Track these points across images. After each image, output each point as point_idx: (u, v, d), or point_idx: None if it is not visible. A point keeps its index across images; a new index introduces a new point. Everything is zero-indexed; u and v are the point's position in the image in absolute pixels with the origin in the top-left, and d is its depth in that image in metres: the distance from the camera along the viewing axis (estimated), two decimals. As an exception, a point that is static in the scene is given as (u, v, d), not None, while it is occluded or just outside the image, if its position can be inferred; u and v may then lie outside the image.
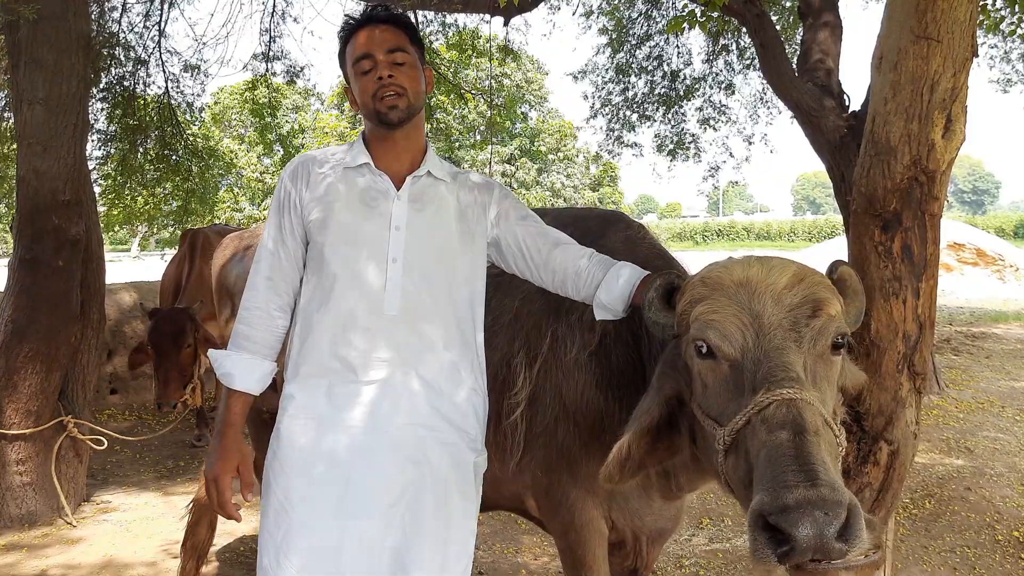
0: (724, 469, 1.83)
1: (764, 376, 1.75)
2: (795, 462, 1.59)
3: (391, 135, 2.33)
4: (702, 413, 1.91)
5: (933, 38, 2.23)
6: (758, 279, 1.89)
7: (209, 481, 2.24)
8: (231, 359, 2.29)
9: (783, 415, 1.68)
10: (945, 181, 2.36)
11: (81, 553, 4.74)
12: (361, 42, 2.30)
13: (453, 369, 2.30)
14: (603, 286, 2.36)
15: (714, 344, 1.85)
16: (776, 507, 1.52)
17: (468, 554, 2.36)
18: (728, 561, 4.59)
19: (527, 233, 2.47)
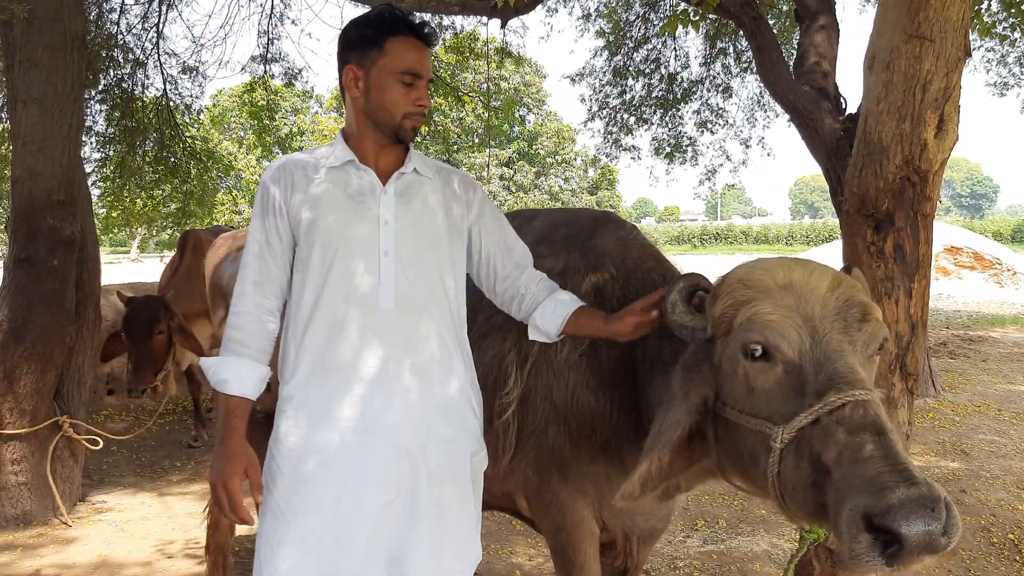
0: (776, 469, 1.78)
1: (829, 378, 1.73)
2: (886, 463, 1.58)
3: (383, 138, 2.32)
4: (745, 415, 1.88)
5: (926, 37, 2.23)
6: (801, 282, 1.87)
7: (218, 486, 2.21)
8: (225, 365, 2.27)
9: (861, 416, 1.67)
10: (938, 181, 2.36)
11: (76, 553, 4.73)
12: (414, 57, 2.26)
13: (446, 359, 2.30)
14: (539, 310, 2.43)
15: (772, 346, 1.81)
16: (883, 508, 1.50)
17: (469, 555, 2.36)
18: (722, 563, 4.58)
19: (497, 245, 2.49)
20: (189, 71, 10.33)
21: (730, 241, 62.57)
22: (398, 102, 2.25)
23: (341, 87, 2.35)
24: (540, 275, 2.50)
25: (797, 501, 1.76)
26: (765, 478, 1.82)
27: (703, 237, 64.27)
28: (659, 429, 1.99)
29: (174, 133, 10.30)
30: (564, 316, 2.39)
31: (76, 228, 5.06)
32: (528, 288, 2.46)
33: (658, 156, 14.05)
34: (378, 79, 2.25)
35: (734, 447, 1.96)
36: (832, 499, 1.63)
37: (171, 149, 10.40)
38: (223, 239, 3.87)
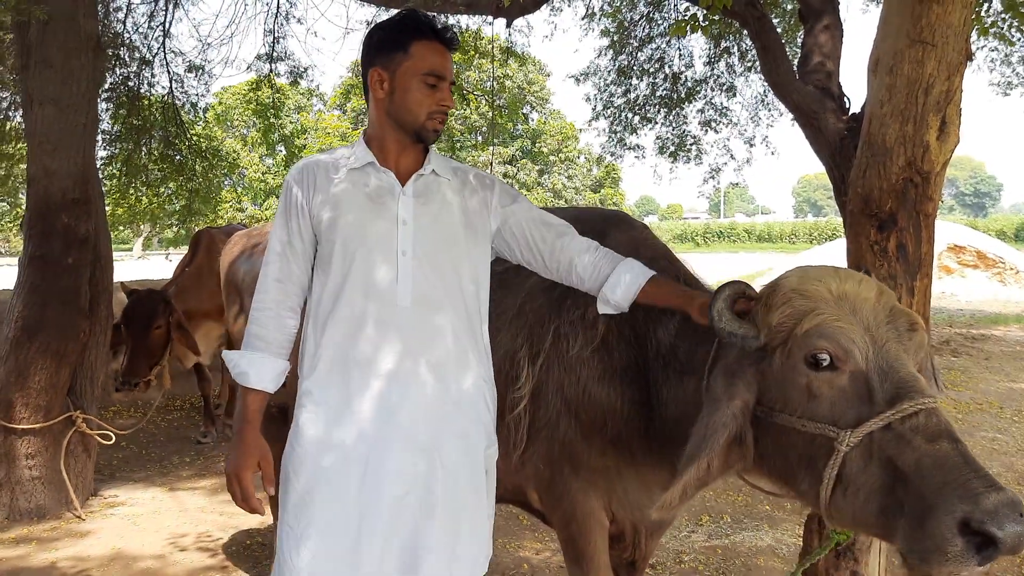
0: (836, 471, 1.84)
1: (898, 386, 1.81)
2: (969, 469, 1.67)
3: (405, 139, 2.39)
4: (803, 419, 1.92)
5: (928, 42, 2.29)
6: (853, 292, 1.93)
7: (231, 477, 2.29)
8: (245, 359, 2.34)
9: (936, 424, 1.76)
10: (939, 182, 2.43)
11: (90, 546, 4.81)
12: (437, 59, 2.33)
13: (461, 355, 2.36)
14: (608, 283, 2.44)
15: (842, 353, 1.86)
16: (981, 514, 1.58)
17: (482, 545, 2.42)
18: (727, 557, 4.65)
19: (532, 223, 2.54)
20: (195, 69, 10.41)
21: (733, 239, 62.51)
22: (422, 103, 2.32)
23: (365, 88, 2.41)
24: (593, 243, 2.52)
25: (857, 503, 1.83)
26: (816, 480, 1.88)
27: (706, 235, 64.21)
28: (704, 433, 2.01)
29: (179, 131, 10.34)
30: (637, 287, 2.43)
31: (90, 226, 5.13)
32: (586, 256, 2.49)
33: (662, 155, 14.08)
34: (403, 81, 2.32)
35: (781, 450, 2.01)
36: (915, 504, 1.69)
37: (176, 147, 10.45)
38: (238, 237, 3.94)
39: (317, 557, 2.24)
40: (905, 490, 1.73)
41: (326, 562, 2.23)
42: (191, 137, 10.89)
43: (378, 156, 2.39)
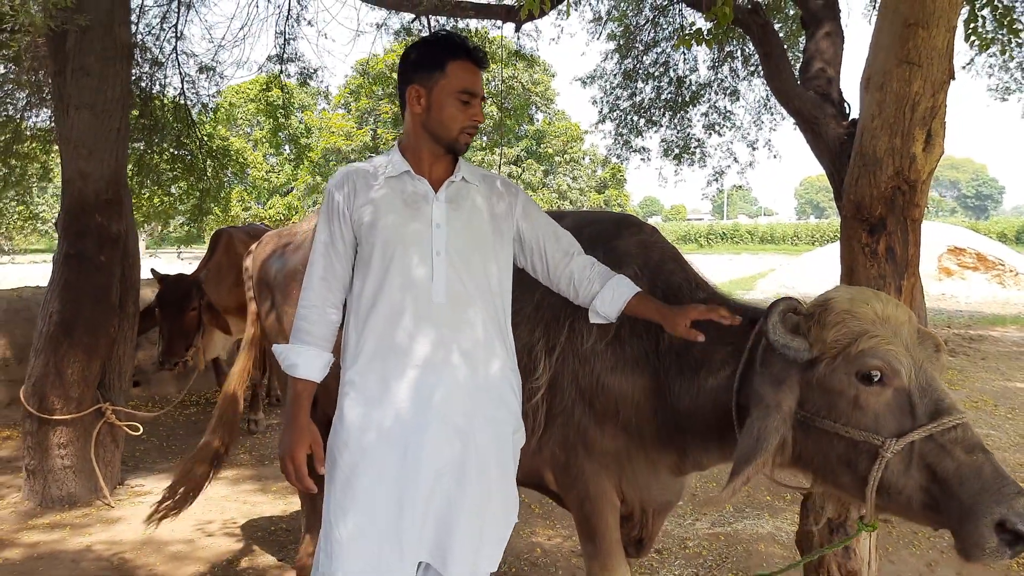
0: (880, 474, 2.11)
1: (937, 402, 2.11)
2: (1002, 478, 1.99)
3: (438, 150, 2.63)
4: (848, 427, 2.18)
5: (915, 63, 2.52)
6: (893, 316, 2.20)
7: (286, 459, 2.52)
8: (294, 351, 2.58)
9: (971, 438, 2.07)
10: (925, 190, 2.65)
11: (122, 531, 5.05)
12: (470, 78, 2.56)
13: (489, 345, 2.58)
14: (599, 297, 2.75)
15: (890, 372, 2.13)
16: (1016, 517, 1.90)
17: (507, 521, 2.65)
18: (729, 543, 4.88)
19: (547, 236, 2.80)
20: (206, 71, 10.63)
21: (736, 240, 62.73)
22: (456, 118, 2.55)
23: (402, 103, 2.64)
24: (592, 260, 2.80)
25: (900, 500, 2.12)
26: (859, 480, 2.16)
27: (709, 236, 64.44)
28: (757, 436, 2.25)
29: (191, 131, 10.55)
30: (623, 302, 2.72)
31: (123, 226, 5.38)
32: (583, 273, 2.77)
33: (667, 157, 14.29)
34: (439, 98, 2.55)
35: (822, 451, 2.27)
36: (955, 506, 2.01)
37: (187, 147, 10.67)
38: (269, 237, 4.16)
39: (360, 528, 2.46)
40: (944, 493, 2.03)
41: (370, 532, 2.45)
42: (202, 137, 11.09)
43: (413, 165, 2.61)
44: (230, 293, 7.16)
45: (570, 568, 4.50)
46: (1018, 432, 7.39)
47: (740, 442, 2.31)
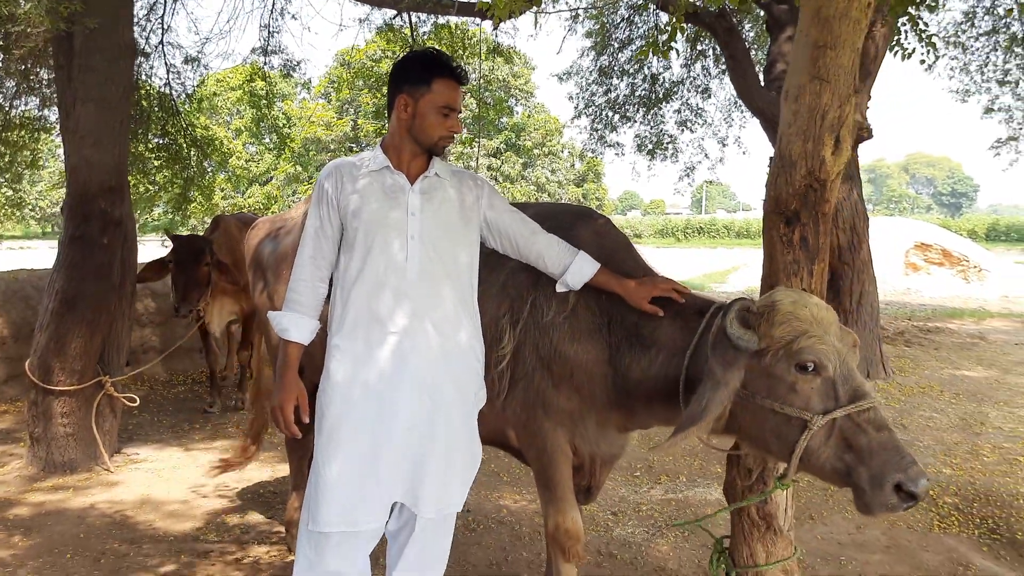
0: (806, 444, 2.61)
1: (855, 389, 2.62)
2: (900, 450, 2.50)
3: (418, 151, 3.06)
4: (785, 405, 2.67)
5: (824, 79, 2.97)
6: (824, 317, 2.71)
7: (276, 409, 2.98)
8: (287, 317, 3.04)
9: (880, 419, 2.59)
10: (834, 188, 3.10)
11: (121, 493, 5.47)
12: (451, 94, 3.00)
13: (457, 318, 3.04)
14: (569, 271, 3.23)
15: (822, 366, 2.64)
16: (909, 480, 2.43)
17: (471, 466, 3.13)
18: (679, 508, 5.35)
19: (512, 221, 3.27)
20: (191, 61, 10.94)
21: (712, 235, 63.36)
22: (436, 127, 3.01)
23: (390, 107, 3.08)
24: (556, 239, 3.27)
25: (816, 464, 2.64)
26: (787, 448, 2.68)
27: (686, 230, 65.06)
28: (704, 405, 2.73)
29: (175, 121, 10.82)
30: (590, 275, 3.22)
31: (124, 210, 5.79)
32: (551, 250, 3.24)
33: (640, 152, 14.75)
34: (423, 109, 3.00)
35: (759, 425, 2.76)
36: (864, 472, 2.50)
37: (172, 136, 10.92)
38: (263, 221, 4.57)
39: (344, 471, 2.91)
40: (856, 460, 2.55)
41: (352, 474, 2.91)
42: (187, 127, 11.39)
43: (393, 161, 3.06)
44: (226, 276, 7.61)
45: (532, 524, 4.96)
46: (958, 415, 7.91)
47: (688, 407, 2.78)
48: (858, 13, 2.89)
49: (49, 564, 4.30)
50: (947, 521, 5.20)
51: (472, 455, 3.12)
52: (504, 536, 4.82)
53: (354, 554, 3.00)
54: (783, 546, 3.22)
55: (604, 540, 4.76)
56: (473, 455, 3.13)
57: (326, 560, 2.96)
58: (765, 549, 3.22)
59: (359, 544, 2.99)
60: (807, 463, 2.66)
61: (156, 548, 4.54)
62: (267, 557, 4.44)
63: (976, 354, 11.46)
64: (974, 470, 6.19)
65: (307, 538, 3.00)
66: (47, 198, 39.91)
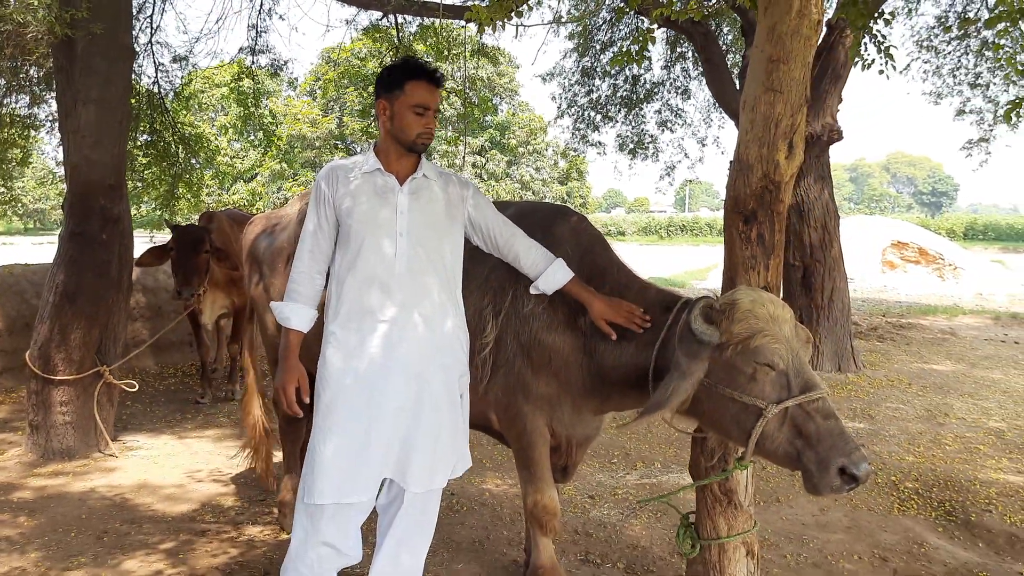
0: (761, 429, 2.86)
1: (806, 381, 2.89)
2: (845, 437, 2.75)
3: (402, 151, 3.33)
4: (743, 394, 2.93)
5: (777, 90, 3.25)
6: (780, 315, 2.98)
7: (279, 389, 3.25)
8: (288, 307, 3.32)
9: (827, 408, 2.86)
10: (788, 189, 3.38)
11: (119, 477, 5.70)
12: (424, 94, 3.26)
13: (442, 308, 3.32)
14: (543, 276, 3.51)
15: (776, 361, 2.90)
16: (851, 463, 2.70)
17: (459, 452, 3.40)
18: (653, 491, 5.63)
19: (494, 223, 3.55)
20: (180, 60, 11.15)
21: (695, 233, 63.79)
22: (412, 126, 3.28)
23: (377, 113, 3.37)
24: (536, 244, 3.54)
25: (770, 448, 2.90)
26: (745, 433, 2.94)
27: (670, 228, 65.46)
28: (670, 390, 3.00)
29: (164, 119, 11.06)
30: (561, 284, 3.49)
31: (123, 207, 6.04)
32: (528, 253, 3.50)
33: (622, 152, 15.03)
34: (399, 110, 3.28)
35: (720, 411, 3.03)
36: (812, 456, 2.76)
37: (161, 134, 11.14)
38: (259, 218, 4.82)
39: (338, 449, 3.17)
40: (805, 445, 2.81)
41: (345, 452, 3.17)
42: (175, 124, 11.56)
43: (384, 163, 3.34)
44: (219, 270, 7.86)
45: (513, 506, 5.23)
46: (924, 406, 8.22)
47: (656, 393, 3.07)
48: (808, 30, 3.17)
49: (55, 542, 4.53)
50: (907, 504, 5.50)
51: (456, 437, 3.39)
52: (486, 516, 5.09)
53: (346, 526, 3.26)
54: (743, 520, 3.49)
55: (581, 521, 5.03)
56: (457, 437, 3.39)
57: (321, 531, 3.22)
58: (727, 522, 3.48)
59: (351, 516, 3.26)
60: (762, 447, 2.92)
61: (156, 527, 4.78)
62: (261, 536, 4.70)
63: (946, 349, 11.81)
64: (936, 457, 6.50)
65: (304, 511, 3.26)
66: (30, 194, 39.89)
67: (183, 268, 7.38)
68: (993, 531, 5.05)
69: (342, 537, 3.26)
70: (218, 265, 7.60)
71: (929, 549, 4.73)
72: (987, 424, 7.58)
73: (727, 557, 3.49)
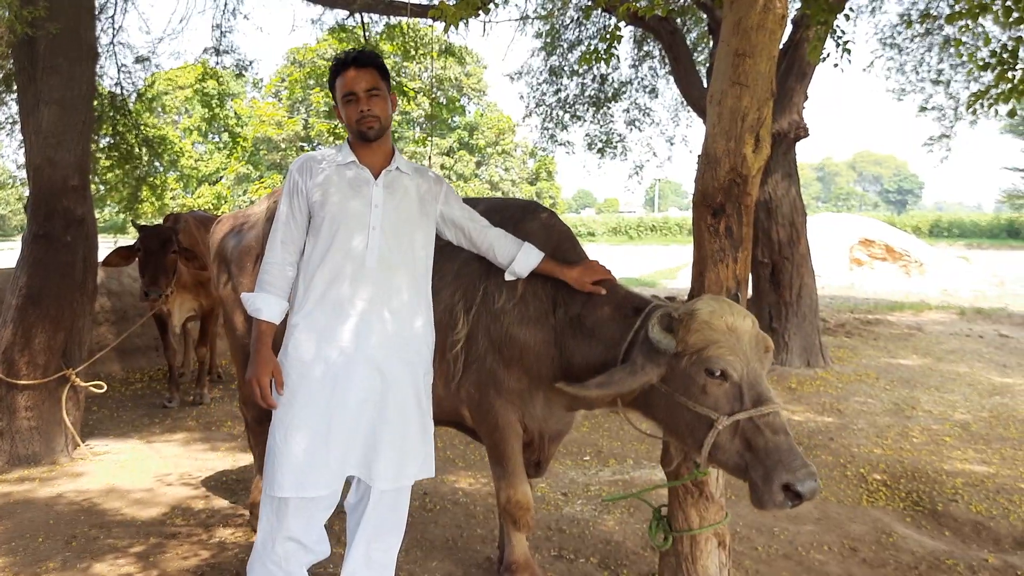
0: (713, 440, 2.88)
1: (759, 394, 2.89)
2: (793, 453, 2.74)
3: (370, 144, 3.32)
4: (696, 403, 2.95)
5: (744, 84, 3.27)
6: (739, 326, 2.97)
7: (252, 381, 3.20)
8: (259, 298, 3.27)
9: (779, 423, 2.86)
10: (755, 182, 3.40)
11: (87, 482, 5.63)
12: (348, 81, 3.28)
13: (412, 305, 3.31)
14: (516, 260, 3.53)
15: (729, 373, 2.91)
16: (796, 480, 2.70)
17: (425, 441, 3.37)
18: (625, 487, 5.65)
19: (465, 218, 3.57)
20: (142, 61, 11.01)
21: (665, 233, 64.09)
22: (350, 116, 3.30)
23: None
24: (504, 232, 3.57)
25: (721, 459, 2.91)
26: (697, 443, 2.96)
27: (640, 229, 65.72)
28: (612, 380, 3.07)
29: (126, 120, 10.90)
30: (534, 264, 3.52)
31: (86, 208, 5.95)
32: (500, 242, 3.54)
33: (591, 151, 15.06)
34: (339, 106, 3.36)
35: (673, 417, 3.06)
36: (759, 470, 2.76)
37: (123, 136, 10.98)
38: (227, 217, 4.77)
39: (299, 442, 3.15)
40: (754, 458, 2.82)
41: (305, 445, 3.14)
42: (137, 126, 11.41)
43: (357, 156, 3.32)
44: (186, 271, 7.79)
45: (486, 504, 5.22)
46: (891, 400, 8.32)
47: (601, 375, 3.12)
48: (773, 25, 3.20)
49: (21, 547, 4.47)
50: (875, 496, 5.56)
51: (424, 433, 3.38)
52: (459, 515, 5.07)
53: (310, 521, 3.25)
54: (715, 511, 3.50)
55: (555, 517, 5.03)
56: (425, 433, 3.38)
57: (285, 525, 3.20)
58: (699, 514, 3.50)
59: (315, 513, 3.24)
60: (714, 457, 2.94)
61: (125, 531, 4.72)
62: (232, 538, 4.65)
63: (912, 344, 11.95)
64: (903, 450, 6.57)
65: (268, 504, 3.25)
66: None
67: (150, 268, 7.29)
68: (959, 520, 5.12)
69: (306, 532, 3.25)
70: (186, 265, 7.54)
71: (897, 539, 4.79)
72: (953, 416, 7.68)
73: (699, 549, 3.51)
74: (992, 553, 4.65)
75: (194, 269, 7.57)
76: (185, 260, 7.47)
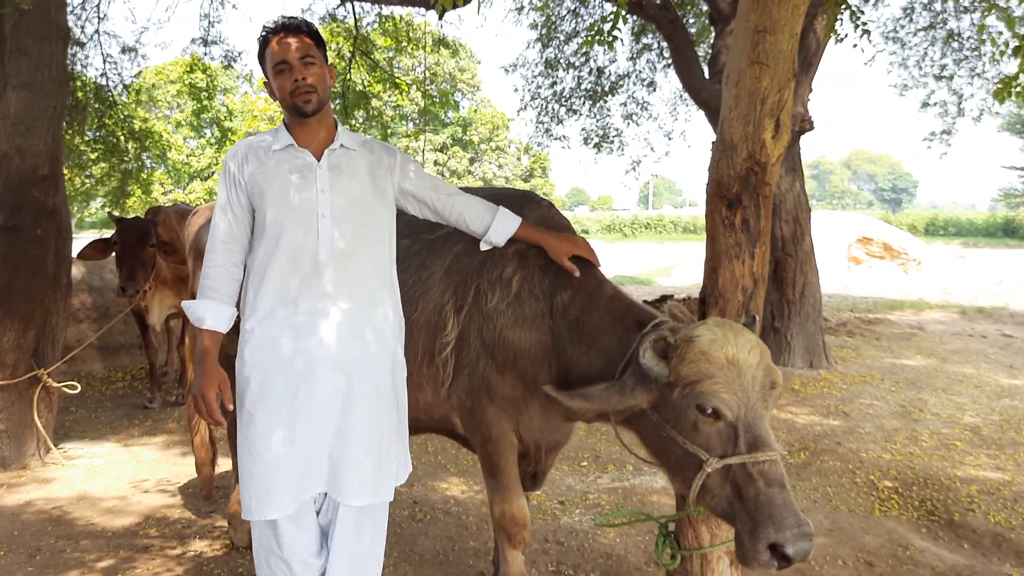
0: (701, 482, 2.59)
1: (756, 438, 2.58)
2: (786, 509, 2.44)
3: (307, 121, 2.99)
4: (686, 440, 2.66)
5: (764, 63, 2.99)
6: (741, 359, 2.65)
7: (197, 397, 2.88)
8: (202, 305, 2.94)
9: (774, 473, 2.53)
10: (775, 171, 3.12)
11: (57, 489, 5.32)
12: (278, 49, 2.94)
13: (374, 293, 3.00)
14: (492, 228, 3.26)
15: (723, 413, 2.60)
16: (783, 541, 2.39)
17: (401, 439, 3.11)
18: (625, 495, 5.37)
19: (428, 188, 3.24)
20: (129, 51, 10.70)
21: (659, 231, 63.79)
22: (283, 87, 2.96)
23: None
24: (475, 198, 3.28)
25: (708, 502, 2.63)
26: (685, 483, 2.68)
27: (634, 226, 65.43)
28: (595, 396, 2.80)
29: (112, 112, 10.59)
30: (512, 231, 3.25)
31: (58, 199, 5.62)
32: (471, 210, 3.25)
33: (587, 145, 14.78)
34: (271, 79, 3.01)
35: (664, 450, 2.78)
36: (747, 523, 2.47)
37: (109, 128, 10.69)
38: (203, 209, 4.49)
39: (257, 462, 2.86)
40: (742, 509, 2.53)
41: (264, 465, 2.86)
42: (125, 118, 11.11)
43: (296, 138, 3.01)
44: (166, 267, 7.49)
45: (479, 514, 4.94)
46: (898, 402, 8.06)
47: (585, 389, 2.86)
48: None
49: (-20, 562, 4.17)
50: (887, 504, 5.30)
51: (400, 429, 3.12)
52: (451, 526, 4.79)
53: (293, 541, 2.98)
54: (727, 527, 3.22)
55: (551, 528, 4.75)
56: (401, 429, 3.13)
57: (274, 544, 2.97)
58: (709, 531, 3.23)
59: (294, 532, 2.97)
60: (703, 499, 2.65)
61: (94, 544, 4.42)
62: (210, 551, 4.36)
63: (915, 344, 11.70)
64: (913, 455, 6.31)
65: (256, 527, 3.00)
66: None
67: (127, 262, 6.98)
68: (978, 531, 4.86)
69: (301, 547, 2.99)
70: (165, 260, 7.22)
71: (915, 552, 4.52)
72: (962, 420, 7.43)
73: (710, 568, 3.25)
74: (1016, 568, 4.39)
75: (174, 264, 7.25)
76: (164, 254, 7.16)
